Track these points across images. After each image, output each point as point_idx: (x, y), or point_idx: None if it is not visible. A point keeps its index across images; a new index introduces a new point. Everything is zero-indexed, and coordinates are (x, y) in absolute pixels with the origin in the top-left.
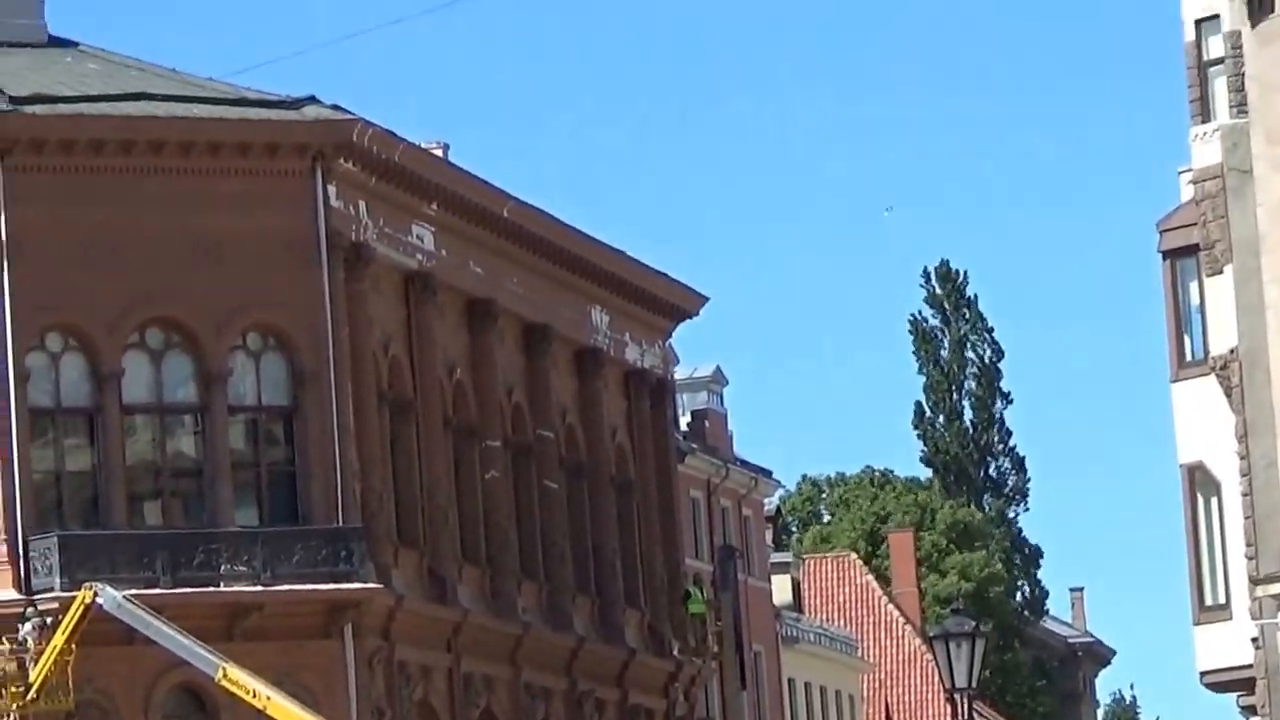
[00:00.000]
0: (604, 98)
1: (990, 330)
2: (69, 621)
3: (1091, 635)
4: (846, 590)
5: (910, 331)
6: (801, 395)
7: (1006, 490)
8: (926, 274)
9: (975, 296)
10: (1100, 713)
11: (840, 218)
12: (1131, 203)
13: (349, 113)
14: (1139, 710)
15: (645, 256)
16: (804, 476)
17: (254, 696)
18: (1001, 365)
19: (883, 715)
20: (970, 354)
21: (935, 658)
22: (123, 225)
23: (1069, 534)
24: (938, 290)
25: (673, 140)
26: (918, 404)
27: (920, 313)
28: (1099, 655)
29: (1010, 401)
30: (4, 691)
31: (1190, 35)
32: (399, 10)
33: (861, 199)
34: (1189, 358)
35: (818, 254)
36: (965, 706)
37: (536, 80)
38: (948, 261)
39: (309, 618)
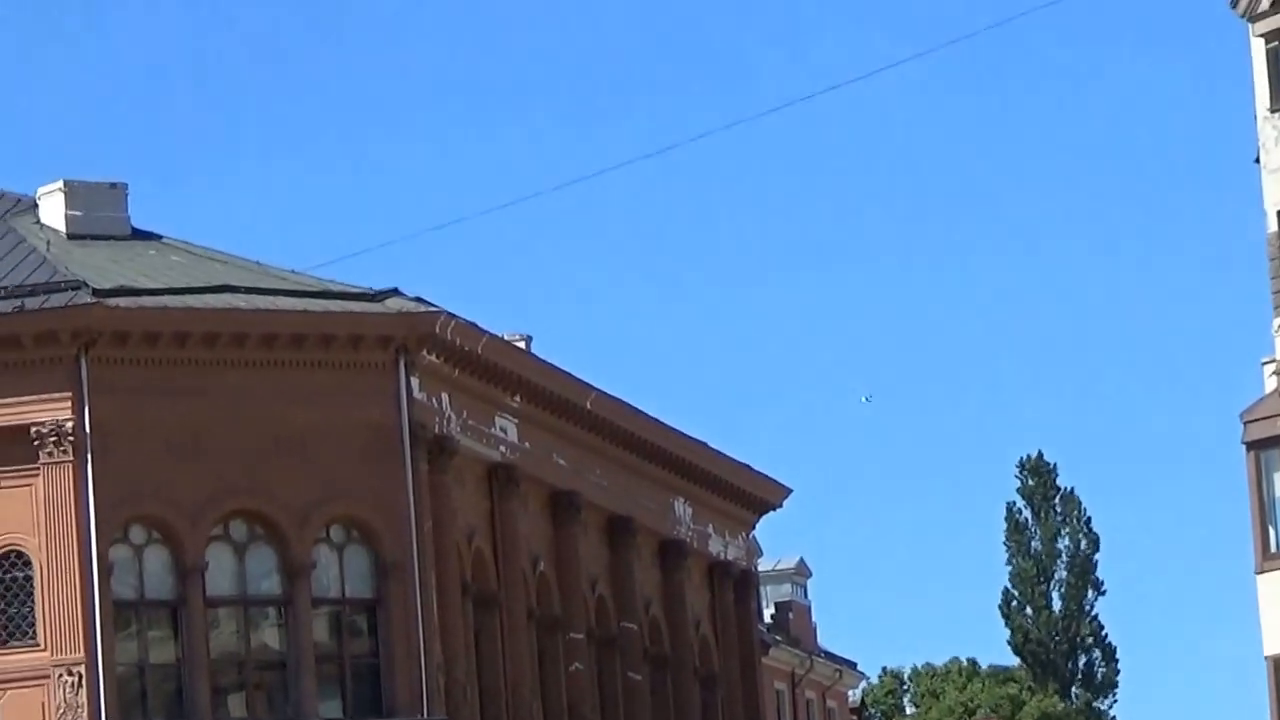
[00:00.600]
0: (686, 290)
1: (1088, 521)
2: None
3: None
4: None
5: (1005, 520)
6: (886, 585)
7: (1096, 681)
8: (1021, 463)
9: (1072, 489)
10: None
11: (927, 405)
12: (1215, 392)
13: (432, 305)
14: None
15: (728, 448)
16: (884, 669)
17: None
18: (1096, 556)
19: None
20: (1062, 544)
21: None
22: (206, 417)
23: None
24: (1030, 482)
25: (756, 329)
26: (1006, 592)
27: (1015, 503)
28: None
29: (1103, 592)
30: None
31: (1273, 226)
32: (482, 203)
33: (948, 386)
34: (1273, 549)
35: (901, 442)
36: None
37: (619, 272)
38: (1040, 454)
39: None
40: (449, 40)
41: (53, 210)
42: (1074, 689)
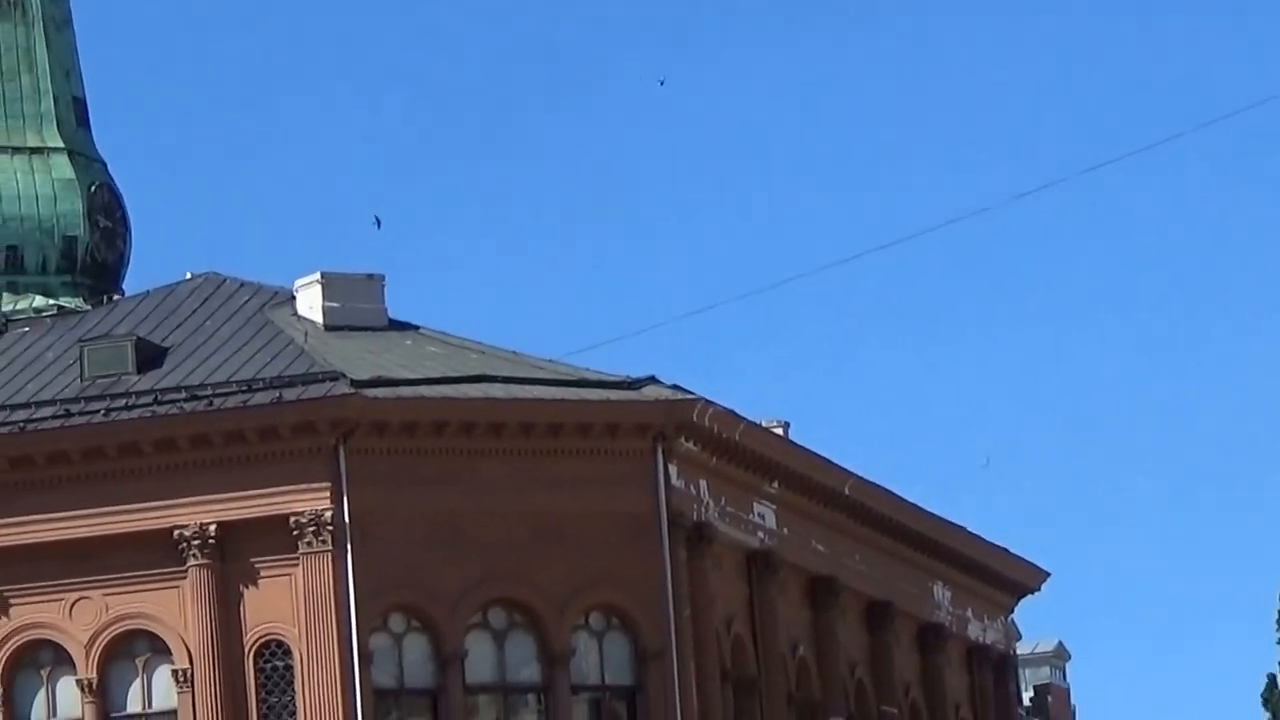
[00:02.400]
0: (941, 372)
1: None
2: None
3: None
4: None
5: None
6: (1148, 670)
7: None
8: None
9: None
10: None
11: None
12: None
13: (689, 392)
14: None
15: (985, 532)
16: None
17: None
18: None
19: None
20: None
21: None
22: (464, 506)
23: None
24: None
25: (1016, 410)
26: (1270, 677)
27: None
28: None
29: None
30: None
31: None
32: (736, 288)
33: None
34: None
35: (1165, 523)
36: None
37: (874, 355)
38: None
39: None
40: (698, 120)
41: (310, 302)
42: None
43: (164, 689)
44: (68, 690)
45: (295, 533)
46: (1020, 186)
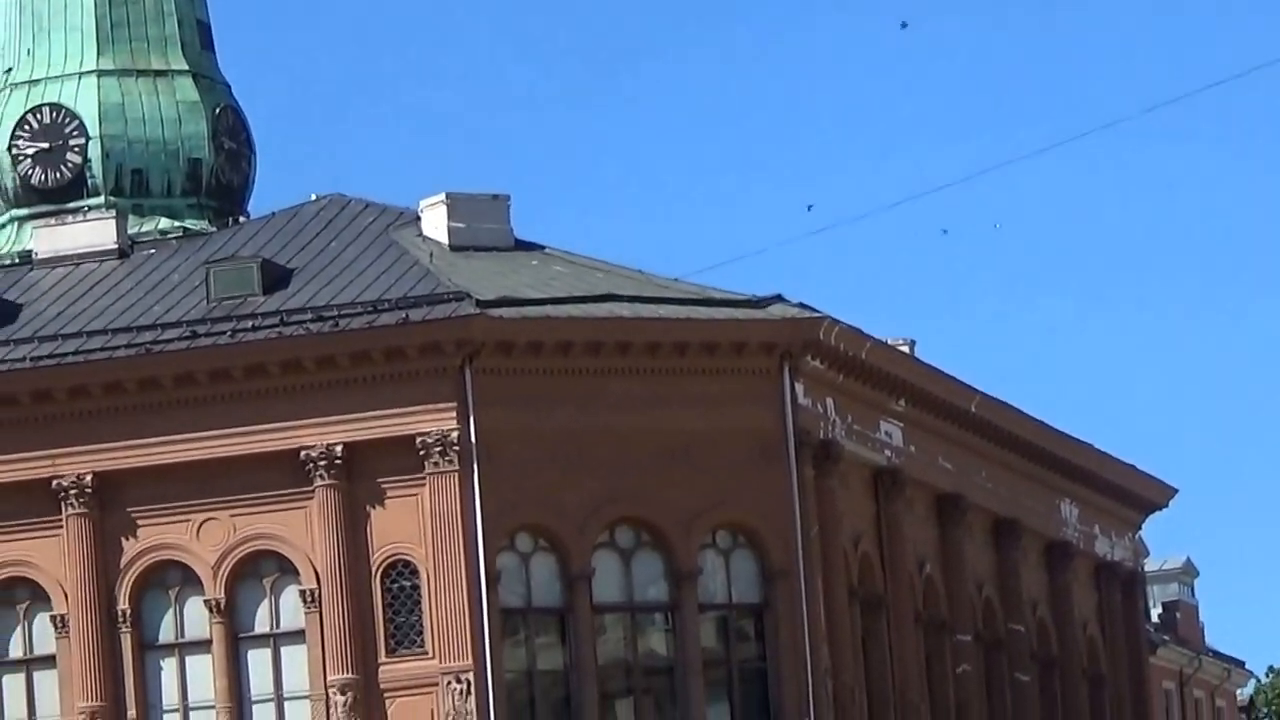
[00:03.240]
0: (1066, 290)
1: None
2: None
3: None
4: None
5: None
6: (1276, 585)
7: None
8: None
9: None
10: None
11: None
12: None
13: (815, 310)
14: None
15: (1113, 448)
16: (1269, 668)
17: None
18: None
19: None
20: None
21: None
22: (590, 426)
23: None
24: None
25: (1137, 331)
26: None
27: None
28: None
29: None
30: None
31: None
32: (861, 206)
33: None
34: None
35: None
36: None
37: (1000, 273)
38: None
39: None
40: (822, 39)
41: (435, 223)
42: None
43: (291, 609)
44: (195, 610)
45: (421, 453)
46: (1150, 100)
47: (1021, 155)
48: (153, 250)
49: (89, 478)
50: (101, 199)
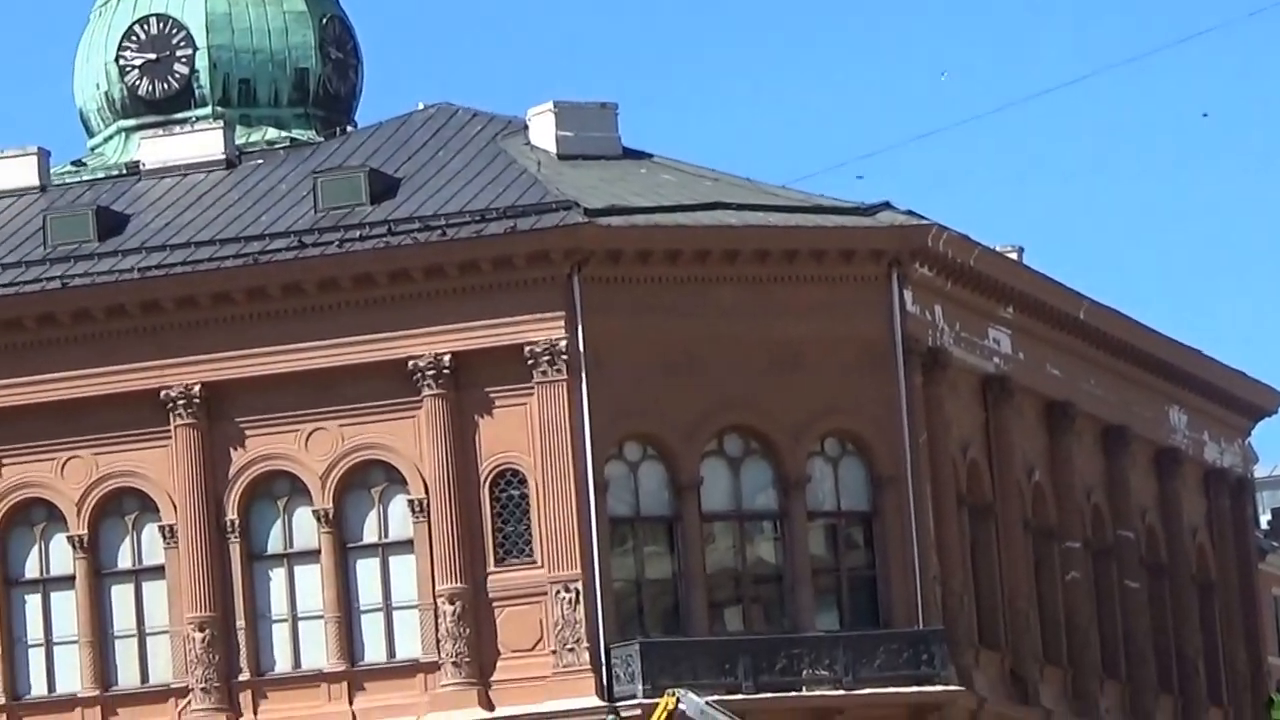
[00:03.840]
0: (1179, 193)
1: None
2: None
3: None
4: None
5: None
6: None
7: None
8: None
9: None
10: None
11: None
12: None
13: (923, 218)
14: None
15: (1222, 355)
16: None
17: None
18: None
19: None
20: None
21: None
22: (698, 334)
23: None
24: None
25: (1248, 237)
26: None
27: None
28: None
29: None
30: None
31: None
32: (969, 109)
33: None
34: None
35: None
36: None
37: (1108, 182)
38: None
39: None
40: None
41: (543, 132)
42: None
43: (400, 519)
44: (304, 521)
45: (530, 362)
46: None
47: (1133, 57)
48: (260, 160)
49: (197, 388)
50: (209, 109)
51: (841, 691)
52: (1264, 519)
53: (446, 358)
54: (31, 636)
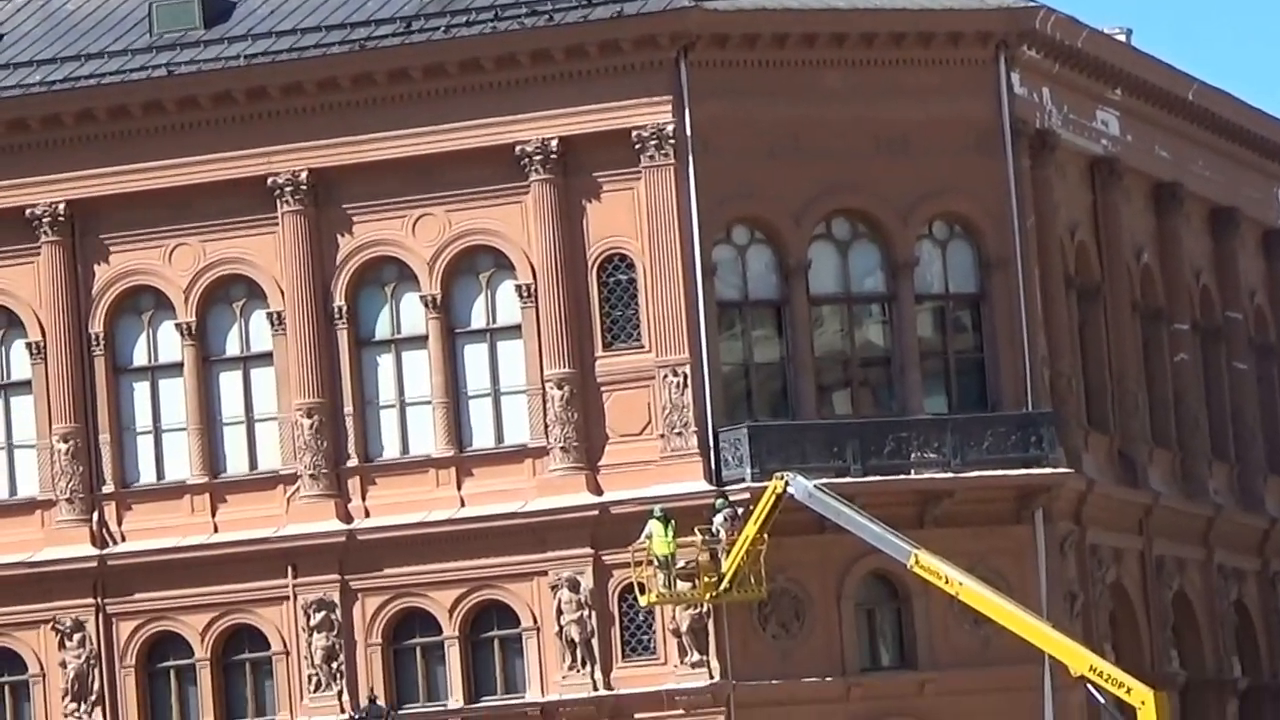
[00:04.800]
0: None
1: None
2: (760, 511)
3: None
4: None
5: None
6: None
7: None
8: None
9: None
10: None
11: None
12: None
13: (1030, 0)
14: None
15: None
16: None
17: (946, 583)
18: None
19: None
20: None
21: None
22: (806, 117)
23: None
24: None
25: None
26: None
27: None
28: None
29: None
30: (697, 582)
31: None
32: None
33: None
34: None
35: None
36: None
37: None
38: None
39: (999, 503)
40: None
41: None
42: None
43: (508, 304)
44: (411, 306)
45: (637, 146)
46: None
47: None
48: None
49: (304, 175)
50: None
51: (950, 474)
52: None
53: (553, 143)
54: (140, 424)
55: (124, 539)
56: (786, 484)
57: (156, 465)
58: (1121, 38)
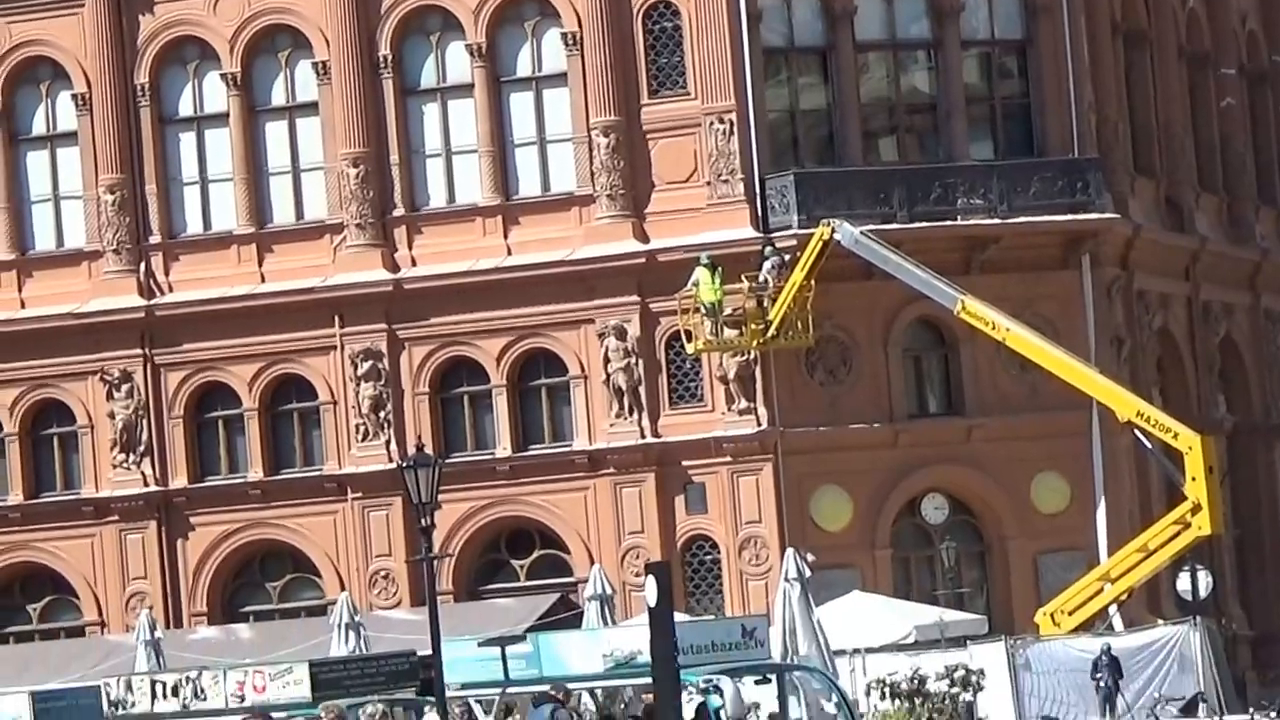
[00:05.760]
0: None
1: None
2: (807, 258)
3: None
4: None
5: None
6: None
7: None
8: None
9: None
10: None
11: None
12: None
13: None
14: None
15: None
16: None
17: (993, 328)
18: None
19: None
20: None
21: None
22: None
23: None
24: None
25: None
26: None
27: None
28: None
29: None
30: (744, 329)
31: None
32: None
33: None
34: None
35: None
36: None
37: None
38: None
39: (1046, 249)
40: None
41: None
42: None
43: (554, 52)
44: (456, 55)
45: None
46: None
47: None
48: None
49: None
50: None
51: (996, 220)
52: None
53: None
54: (186, 175)
55: (171, 289)
56: (833, 230)
57: (203, 215)
58: None
